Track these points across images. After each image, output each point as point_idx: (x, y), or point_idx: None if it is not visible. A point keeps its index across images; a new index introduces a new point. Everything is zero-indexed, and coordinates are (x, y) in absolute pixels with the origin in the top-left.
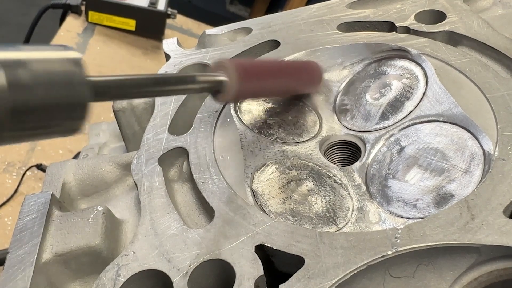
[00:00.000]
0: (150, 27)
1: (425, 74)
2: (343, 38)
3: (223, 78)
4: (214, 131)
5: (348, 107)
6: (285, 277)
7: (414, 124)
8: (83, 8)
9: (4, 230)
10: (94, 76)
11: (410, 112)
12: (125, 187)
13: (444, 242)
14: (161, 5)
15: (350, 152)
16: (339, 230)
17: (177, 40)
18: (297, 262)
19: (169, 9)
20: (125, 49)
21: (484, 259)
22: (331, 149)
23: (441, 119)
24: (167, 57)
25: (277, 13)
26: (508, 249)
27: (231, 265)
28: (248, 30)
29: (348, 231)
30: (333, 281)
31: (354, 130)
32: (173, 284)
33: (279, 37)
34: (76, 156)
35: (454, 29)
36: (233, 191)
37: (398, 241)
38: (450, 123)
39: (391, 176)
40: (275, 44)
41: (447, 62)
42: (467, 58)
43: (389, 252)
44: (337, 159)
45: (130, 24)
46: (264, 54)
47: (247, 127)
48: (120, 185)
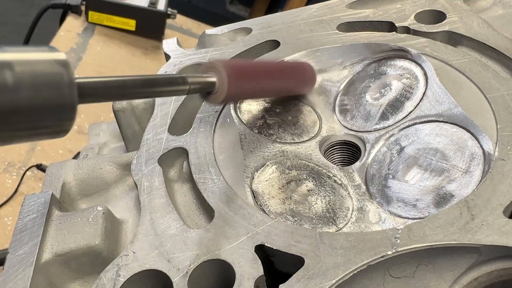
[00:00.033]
0: (150, 27)
1: (425, 74)
2: (343, 38)
3: (214, 80)
4: (214, 131)
5: (348, 107)
6: (285, 277)
7: (414, 124)
8: (83, 8)
9: (4, 230)
10: (81, 78)
11: (410, 112)
12: (125, 187)
13: (444, 242)
14: (161, 5)
15: (350, 152)
16: (339, 230)
17: (177, 40)
18: (297, 262)
19: (169, 9)
20: (125, 49)
21: (484, 259)
22: (331, 149)
23: (441, 119)
24: (167, 57)
25: (277, 13)
26: (508, 249)
27: (231, 265)
28: (248, 30)
29: (348, 231)
30: (333, 281)
31: (354, 130)
32: (173, 284)
33: (279, 37)
34: (76, 156)
35: (454, 29)
36: (233, 191)
37: (398, 241)
38: (450, 123)
39: (391, 176)
40: (275, 44)
41: (447, 62)
42: (467, 58)
43: (389, 252)
44: (337, 159)
45: (130, 24)
46: (264, 54)
47: (247, 127)
48: (120, 185)
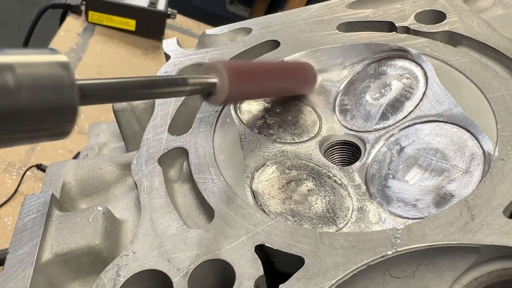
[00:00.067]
0: (150, 27)
1: (425, 74)
2: (343, 38)
3: (215, 80)
4: (214, 131)
5: (348, 107)
6: (285, 277)
7: (414, 124)
8: (83, 8)
9: (4, 230)
10: (81, 80)
11: (410, 112)
12: (125, 187)
13: (444, 242)
14: (161, 5)
15: (350, 152)
16: (339, 230)
17: (177, 40)
18: (297, 262)
19: (169, 9)
20: (125, 49)
21: (484, 259)
22: (331, 149)
23: (441, 119)
24: (167, 57)
25: (277, 13)
26: (508, 249)
27: (231, 265)
28: (248, 30)
29: (348, 231)
30: (333, 281)
31: (354, 130)
32: (173, 284)
33: (279, 37)
34: (76, 156)
35: (454, 29)
36: (233, 191)
37: (398, 241)
38: (450, 123)
39: (391, 176)
40: (275, 44)
41: (447, 62)
42: (467, 58)
43: (389, 252)
44: (337, 159)
45: (130, 24)
46: (264, 54)
47: (247, 127)
48: (120, 185)
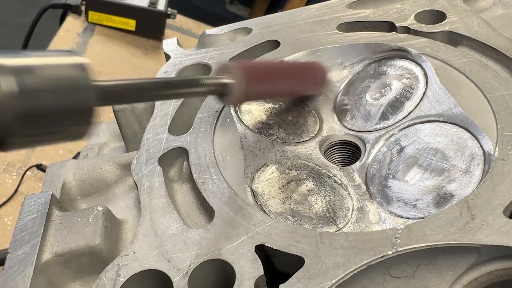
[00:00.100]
0: (150, 27)
1: (425, 74)
2: (343, 38)
3: (230, 81)
4: (214, 131)
5: (348, 107)
6: (285, 277)
7: (414, 124)
8: (83, 8)
9: (4, 230)
10: (101, 81)
11: (410, 112)
12: (125, 187)
13: (444, 242)
14: (161, 5)
15: (350, 152)
16: (339, 230)
17: (177, 40)
18: (297, 262)
19: (169, 9)
20: (125, 49)
21: (484, 259)
22: (331, 149)
23: (441, 119)
24: (167, 57)
25: (277, 13)
26: (508, 249)
27: (231, 265)
28: (248, 30)
29: (348, 231)
30: (333, 281)
31: (354, 130)
32: (173, 284)
33: (279, 37)
34: (76, 156)
35: (454, 29)
36: (233, 191)
37: (398, 241)
38: (450, 123)
39: (391, 176)
40: (275, 44)
41: (447, 62)
42: (467, 58)
43: (389, 252)
44: (337, 159)
45: (130, 24)
46: (264, 54)
47: (247, 127)
48: (120, 185)
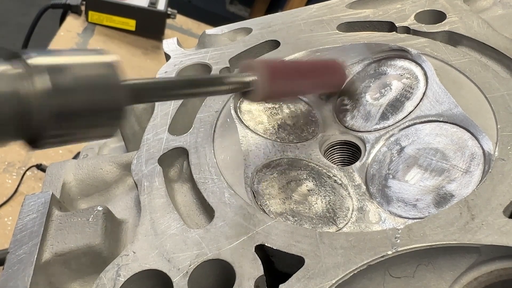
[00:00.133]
0: (150, 27)
1: (425, 74)
2: (343, 38)
3: (253, 79)
4: (214, 131)
5: (348, 107)
6: (285, 277)
7: (414, 124)
8: (83, 8)
9: (4, 230)
10: (131, 79)
11: (410, 112)
12: (125, 187)
13: (444, 242)
14: (161, 5)
15: (350, 152)
16: (339, 230)
17: (177, 40)
18: (297, 262)
19: (169, 9)
20: (125, 49)
21: (484, 259)
22: (331, 149)
23: (441, 119)
24: (167, 57)
25: (277, 13)
26: (508, 249)
27: (231, 265)
28: (248, 30)
29: (348, 231)
30: (333, 281)
31: (354, 130)
32: (173, 284)
33: (279, 37)
34: (76, 156)
35: (454, 29)
36: (233, 191)
37: (398, 241)
38: (450, 123)
39: (391, 176)
40: (275, 44)
41: (447, 62)
42: (467, 58)
43: (389, 252)
44: (337, 159)
45: (130, 24)
46: (264, 54)
47: (247, 127)
48: (120, 185)
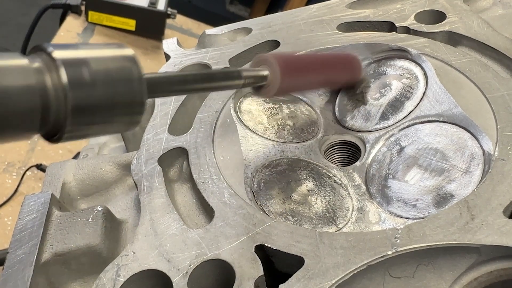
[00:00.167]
0: (150, 27)
1: (425, 74)
2: (343, 38)
3: (267, 73)
4: (214, 131)
5: (348, 107)
6: (285, 277)
7: (414, 124)
8: (83, 8)
9: (4, 230)
10: (148, 73)
11: (410, 112)
12: (125, 187)
13: (444, 242)
14: (161, 5)
15: (350, 152)
16: (339, 230)
17: (177, 40)
18: (297, 262)
19: (169, 9)
20: None
21: (484, 259)
22: (331, 149)
23: (441, 119)
24: (167, 57)
25: (277, 13)
26: (508, 249)
27: (231, 265)
28: (248, 30)
29: (348, 231)
30: (333, 281)
31: (354, 130)
32: (173, 284)
33: (279, 37)
34: (76, 156)
35: (454, 29)
36: (233, 191)
37: (398, 241)
38: (450, 123)
39: (391, 176)
40: (275, 44)
41: (447, 62)
42: (467, 58)
43: (389, 252)
44: (337, 159)
45: (130, 24)
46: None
47: (247, 127)
48: (120, 185)
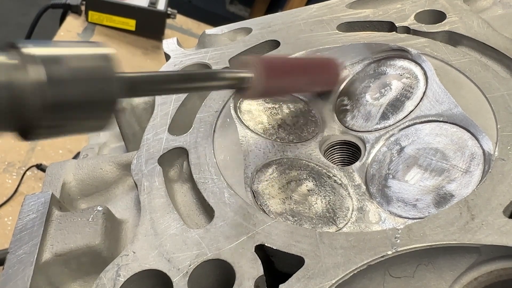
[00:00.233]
0: (150, 27)
1: (425, 74)
2: (343, 38)
3: (250, 75)
4: (214, 131)
5: (348, 107)
6: (285, 277)
7: (414, 124)
8: (83, 8)
9: (4, 230)
10: (125, 73)
11: (410, 112)
12: (125, 187)
13: (444, 242)
14: (161, 5)
15: (350, 152)
16: (339, 230)
17: (177, 40)
18: (297, 262)
19: (169, 9)
20: (125, 49)
21: (484, 259)
22: (331, 149)
23: (441, 119)
24: (167, 57)
25: (277, 13)
26: (508, 249)
27: (231, 265)
28: (248, 30)
29: (348, 231)
30: (333, 281)
31: (354, 130)
32: (173, 284)
33: (279, 37)
34: (76, 156)
35: (454, 29)
36: (233, 191)
37: (398, 241)
38: (450, 123)
39: (391, 176)
40: (275, 44)
41: (447, 62)
42: (467, 58)
43: (389, 252)
44: (337, 159)
45: (130, 24)
46: (264, 54)
47: (247, 127)
48: (120, 185)
